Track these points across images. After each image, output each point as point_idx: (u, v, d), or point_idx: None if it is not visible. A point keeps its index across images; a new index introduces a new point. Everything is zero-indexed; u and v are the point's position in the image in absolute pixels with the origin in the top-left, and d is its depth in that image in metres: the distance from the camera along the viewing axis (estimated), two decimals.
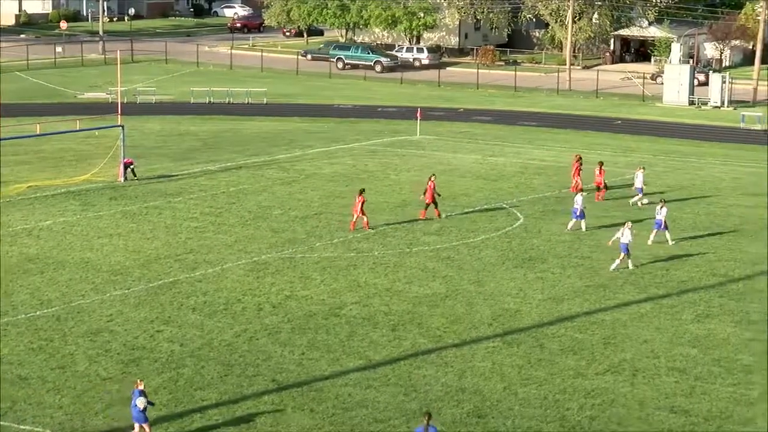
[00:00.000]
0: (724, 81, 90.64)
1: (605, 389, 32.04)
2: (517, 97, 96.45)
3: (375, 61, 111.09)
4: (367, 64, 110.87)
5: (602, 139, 75.82)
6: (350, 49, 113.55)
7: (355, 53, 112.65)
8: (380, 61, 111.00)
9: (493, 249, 46.34)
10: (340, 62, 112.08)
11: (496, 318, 37.89)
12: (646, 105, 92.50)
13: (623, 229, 43.59)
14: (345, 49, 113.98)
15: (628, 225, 43.77)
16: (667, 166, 65.09)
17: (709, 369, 33.59)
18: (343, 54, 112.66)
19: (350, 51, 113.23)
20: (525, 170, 62.98)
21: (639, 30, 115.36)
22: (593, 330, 36.86)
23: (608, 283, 41.86)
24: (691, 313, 38.66)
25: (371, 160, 65.29)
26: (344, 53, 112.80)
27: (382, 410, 30.39)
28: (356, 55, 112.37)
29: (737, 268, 43.95)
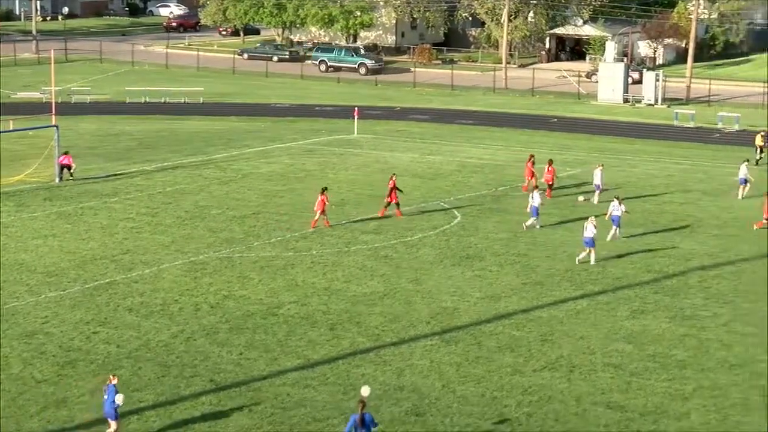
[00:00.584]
0: (657, 79, 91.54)
1: (542, 386, 32.26)
2: (454, 96, 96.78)
3: (359, 63, 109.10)
4: (351, 66, 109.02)
5: (538, 137, 76.30)
6: (333, 52, 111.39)
7: (338, 56, 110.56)
8: (364, 63, 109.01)
9: (431, 247, 46.48)
10: (323, 65, 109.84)
11: (434, 316, 38.01)
12: (582, 103, 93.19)
13: (587, 224, 44.12)
14: (328, 51, 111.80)
15: (592, 220, 44.31)
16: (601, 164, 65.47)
17: (644, 364, 33.93)
18: (326, 56, 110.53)
19: (333, 53, 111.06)
20: (462, 168, 63.23)
21: (574, 29, 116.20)
22: (530, 327, 37.10)
23: (545, 281, 42.15)
24: (626, 309, 39.02)
25: (309, 160, 65.23)
26: (327, 56, 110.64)
27: (320, 409, 30.39)
28: (340, 57, 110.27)
29: (671, 265, 44.42)
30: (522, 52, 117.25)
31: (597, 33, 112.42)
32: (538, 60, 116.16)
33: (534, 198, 49.26)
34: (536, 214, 49.22)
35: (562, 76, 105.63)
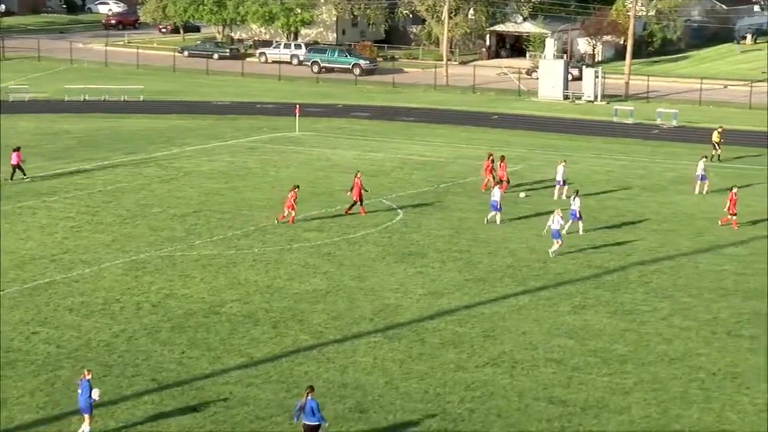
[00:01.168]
0: (596, 76, 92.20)
1: (485, 381, 32.40)
2: (396, 93, 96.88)
3: (353, 64, 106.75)
4: (345, 67, 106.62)
5: (479, 133, 76.57)
6: (326, 53, 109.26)
7: (331, 56, 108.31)
8: (359, 64, 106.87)
9: (374, 244, 46.52)
10: (315, 66, 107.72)
11: (377, 313, 38.06)
12: (522, 100, 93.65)
13: (553, 216, 44.59)
14: (321, 52, 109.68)
15: (558, 212, 44.85)
16: (543, 160, 65.93)
17: (585, 359, 34.18)
18: (319, 57, 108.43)
19: (326, 54, 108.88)
20: (404, 165, 63.33)
21: (514, 26, 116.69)
22: (473, 323, 37.25)
23: (487, 277, 42.34)
24: (567, 304, 39.29)
25: (250, 157, 65.02)
26: (320, 56, 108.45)
27: (263, 407, 30.33)
28: (333, 58, 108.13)
29: (612, 260, 44.77)
30: (463, 49, 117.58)
31: (537, 30, 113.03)
32: (479, 57, 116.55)
33: (494, 193, 49.73)
34: (496, 208, 49.58)
35: (502, 73, 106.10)
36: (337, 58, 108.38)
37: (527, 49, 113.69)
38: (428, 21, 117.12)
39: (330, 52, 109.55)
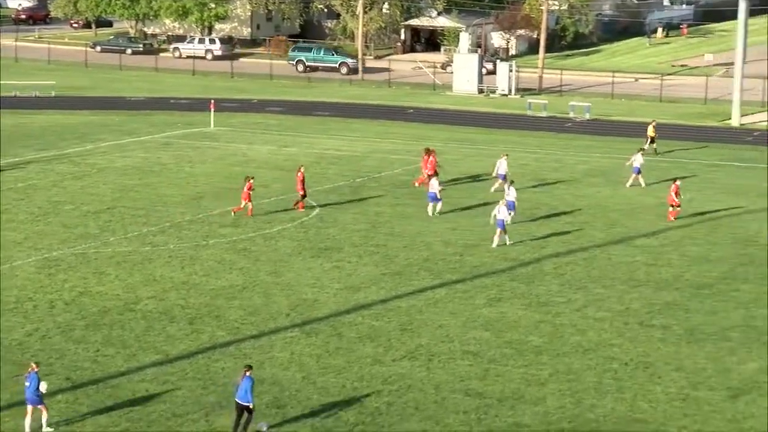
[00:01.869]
0: (510, 70, 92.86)
1: (402, 375, 32.52)
2: (311, 88, 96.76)
3: (340, 62, 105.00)
4: (331, 66, 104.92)
5: (395, 128, 76.76)
6: (312, 51, 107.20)
7: (317, 55, 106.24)
8: (346, 63, 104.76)
9: (290, 239, 46.45)
10: (300, 65, 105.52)
11: (293, 308, 38.02)
12: (437, 94, 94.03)
13: (498, 206, 45.15)
14: (306, 50, 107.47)
15: (503, 202, 45.47)
16: (459, 154, 66.31)
17: (501, 351, 34.45)
18: (303, 56, 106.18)
19: (312, 53, 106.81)
20: (320, 160, 63.29)
21: (428, 20, 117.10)
22: (390, 317, 37.36)
23: (403, 271, 42.48)
24: (483, 297, 39.56)
25: (165, 153, 64.56)
26: (305, 55, 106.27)
27: (180, 405, 30.16)
28: (319, 57, 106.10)
29: (527, 252, 45.16)
30: (378, 43, 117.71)
31: (451, 24, 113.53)
32: (394, 51, 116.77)
33: (432, 185, 50.16)
34: (434, 199, 50.01)
35: (417, 67, 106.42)
36: (323, 57, 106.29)
37: (442, 44, 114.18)
38: (343, 15, 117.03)
39: (316, 51, 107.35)
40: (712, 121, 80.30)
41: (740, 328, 36.50)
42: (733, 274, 42.43)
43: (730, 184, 58.32)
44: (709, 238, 47.52)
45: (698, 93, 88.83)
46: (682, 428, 29.27)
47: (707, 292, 40.22)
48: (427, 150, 56.62)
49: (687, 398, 31.08)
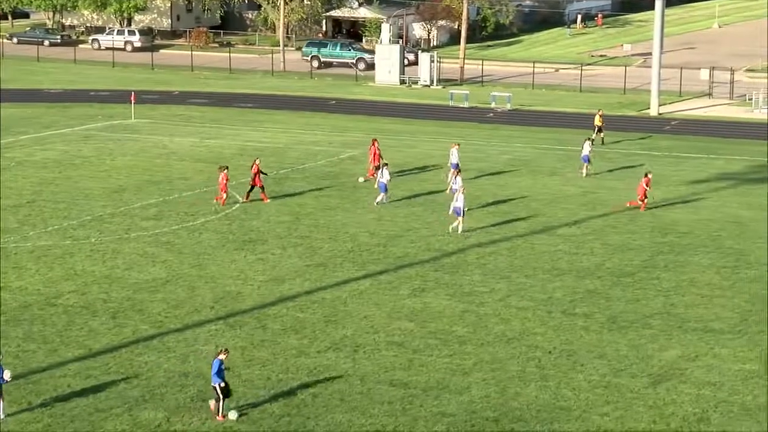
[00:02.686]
0: (432, 60, 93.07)
1: (327, 366, 32.53)
2: (233, 79, 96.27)
3: (357, 58, 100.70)
4: (346, 61, 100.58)
5: (318, 119, 76.65)
6: (327, 46, 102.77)
7: (333, 50, 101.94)
8: (363, 58, 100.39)
9: (213, 232, 46.22)
10: (315, 60, 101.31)
11: (218, 301, 37.85)
12: (360, 85, 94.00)
13: (457, 195, 45.71)
14: (321, 45, 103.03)
15: (462, 189, 46.10)
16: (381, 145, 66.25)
17: (426, 341, 34.58)
18: (319, 51, 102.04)
19: (328, 48, 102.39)
20: (243, 152, 63.00)
21: (350, 11, 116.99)
22: (314, 309, 37.34)
23: (327, 262, 42.46)
24: (408, 288, 39.67)
25: (85, 146, 63.88)
26: (321, 50, 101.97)
27: (103, 399, 29.90)
28: (334, 52, 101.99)
29: (451, 243, 45.35)
30: (299, 34, 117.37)
31: (372, 15, 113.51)
32: None
33: (383, 174, 50.32)
34: (384, 189, 50.25)
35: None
36: (340, 52, 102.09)
37: (363, 35, 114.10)
38: (264, 6, 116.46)
39: (332, 46, 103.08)
40: (630, 111, 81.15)
41: (661, 316, 36.99)
42: (653, 262, 42.98)
43: None
44: (630, 226, 48.07)
45: (617, 83, 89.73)
46: (605, 415, 29.61)
47: (628, 281, 40.70)
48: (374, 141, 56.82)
49: (609, 385, 31.44)
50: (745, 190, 54.86)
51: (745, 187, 55.31)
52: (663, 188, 55.22)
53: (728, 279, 40.88)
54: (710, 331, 35.61)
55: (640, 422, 29.21)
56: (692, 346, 34.35)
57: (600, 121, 66.65)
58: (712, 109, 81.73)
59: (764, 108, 79.58)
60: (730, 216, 49.80)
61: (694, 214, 50.25)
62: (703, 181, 57.12)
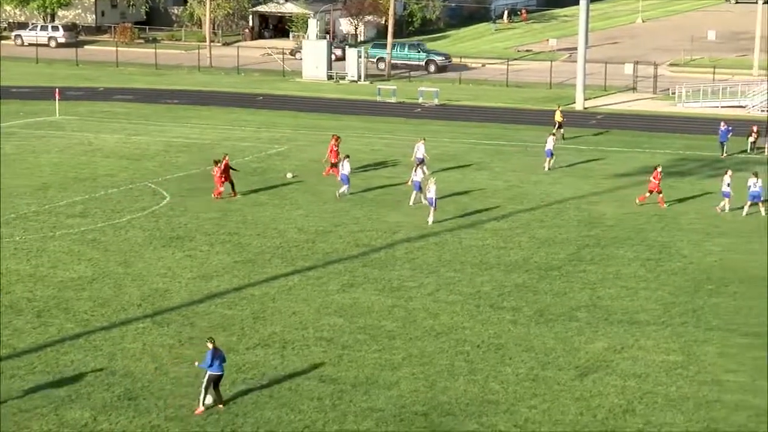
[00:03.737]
0: (359, 56, 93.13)
1: (256, 363, 32.45)
2: (159, 75, 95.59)
3: (427, 60, 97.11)
4: (417, 63, 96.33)
5: (245, 115, 76.36)
6: (395, 48, 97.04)
7: (401, 52, 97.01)
8: (434, 60, 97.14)
9: (140, 229, 45.89)
10: (381, 63, 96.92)
11: (145, 299, 37.59)
12: (287, 80, 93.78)
13: (430, 185, 47.03)
14: (385, 47, 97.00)
15: (433, 181, 47.56)
16: (309, 140, 66.32)
17: (355, 337, 34.62)
18: (384, 53, 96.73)
19: (395, 50, 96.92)
20: (169, 148, 62.62)
21: (276, 6, 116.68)
22: (243, 305, 37.22)
23: (256, 258, 42.35)
24: (336, 283, 39.67)
25: (8, 143, 63.08)
26: (385, 52, 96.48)
27: (28, 399, 29.57)
28: (402, 54, 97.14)
29: (379, 238, 45.43)
30: (226, 30, 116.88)
31: (299, 11, 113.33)
32: (242, 38, 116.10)
33: (344, 166, 50.95)
34: (347, 181, 51.04)
35: (266, 53, 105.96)
36: (408, 54, 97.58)
37: (290, 30, 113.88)
38: (190, 2, 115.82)
39: (399, 47, 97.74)
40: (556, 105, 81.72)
41: (587, 308, 37.34)
42: (580, 255, 43.37)
43: (575, 167, 59.52)
44: (556, 220, 48.46)
45: (543, 77, 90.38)
46: (532, 408, 29.84)
47: (555, 274, 41.04)
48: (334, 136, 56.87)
49: (537, 378, 31.69)
50: (668, 183, 55.49)
51: (668, 181, 55.95)
52: (589, 181, 55.73)
53: (652, 271, 41.38)
54: (635, 323, 36.03)
55: (567, 414, 29.49)
56: (618, 338, 34.73)
57: (560, 117, 66.95)
58: (637, 103, 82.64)
59: (687, 102, 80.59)
60: (654, 209, 50.39)
61: (620, 207, 50.78)
62: (628, 174, 57.74)
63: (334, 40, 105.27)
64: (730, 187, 49.31)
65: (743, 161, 60.67)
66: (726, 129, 61.23)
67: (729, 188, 49.32)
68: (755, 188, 48.85)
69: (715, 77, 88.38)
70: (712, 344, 34.18)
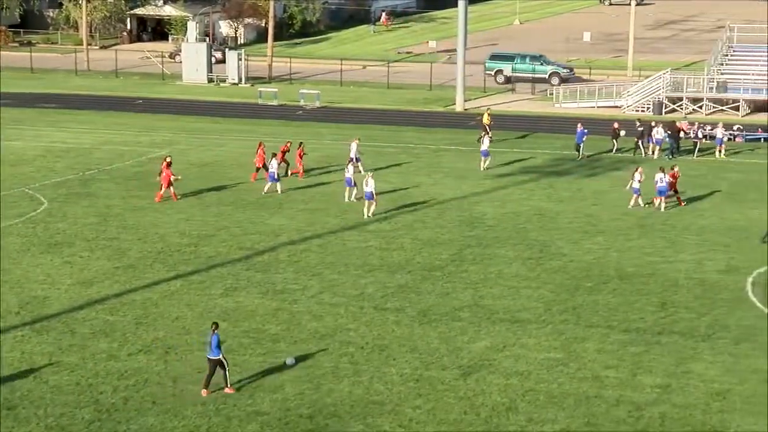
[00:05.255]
0: (240, 58, 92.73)
1: (138, 369, 32.12)
2: (35, 79, 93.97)
3: (551, 72, 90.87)
4: (541, 77, 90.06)
5: (125, 119, 75.48)
6: (515, 60, 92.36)
7: (521, 64, 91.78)
8: (557, 73, 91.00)
9: (17, 236, 45.09)
10: (500, 75, 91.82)
11: (23, 306, 36.96)
12: (167, 84, 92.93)
13: (367, 179, 48.51)
14: (507, 59, 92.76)
15: (370, 174, 49.29)
16: (189, 144, 65.84)
17: (239, 341, 34.47)
18: (504, 65, 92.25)
19: (515, 62, 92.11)
20: (47, 153, 61.62)
21: (155, 9, 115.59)
22: (125, 311, 36.81)
23: (137, 263, 41.91)
24: (220, 287, 39.46)
25: None
26: (506, 64, 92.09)
27: None
28: (523, 66, 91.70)
29: (262, 241, 45.29)
30: (103, 33, 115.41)
31: (178, 13, 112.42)
32: (120, 41, 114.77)
33: (273, 165, 52.48)
34: (273, 179, 52.11)
35: (145, 57, 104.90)
36: (530, 66, 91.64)
37: (169, 33, 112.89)
38: (66, 4, 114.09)
39: (519, 59, 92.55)
40: (437, 107, 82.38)
41: (470, 308, 37.70)
42: (462, 255, 43.76)
43: (456, 168, 60.03)
44: (439, 221, 48.82)
45: (423, 79, 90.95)
46: (417, 408, 30.03)
47: (438, 274, 41.35)
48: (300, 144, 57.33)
49: (421, 378, 31.90)
50: (547, 182, 56.32)
51: (547, 180, 56.79)
52: (470, 182, 56.25)
53: (533, 270, 41.94)
54: (517, 321, 36.48)
55: (451, 413, 29.74)
56: (500, 336, 35.13)
57: (488, 120, 67.12)
58: (516, 104, 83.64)
59: (565, 102, 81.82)
60: (534, 208, 51.08)
61: (501, 207, 51.35)
62: (508, 174, 58.41)
63: (214, 43, 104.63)
64: (640, 184, 50.48)
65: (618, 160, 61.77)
66: (582, 131, 61.90)
67: (639, 184, 50.51)
68: (662, 183, 50.08)
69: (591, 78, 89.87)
70: (591, 341, 34.78)
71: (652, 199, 50.59)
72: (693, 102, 78.20)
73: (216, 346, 30.49)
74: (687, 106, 77.79)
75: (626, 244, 45.41)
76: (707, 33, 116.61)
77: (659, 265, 42.48)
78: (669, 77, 79.67)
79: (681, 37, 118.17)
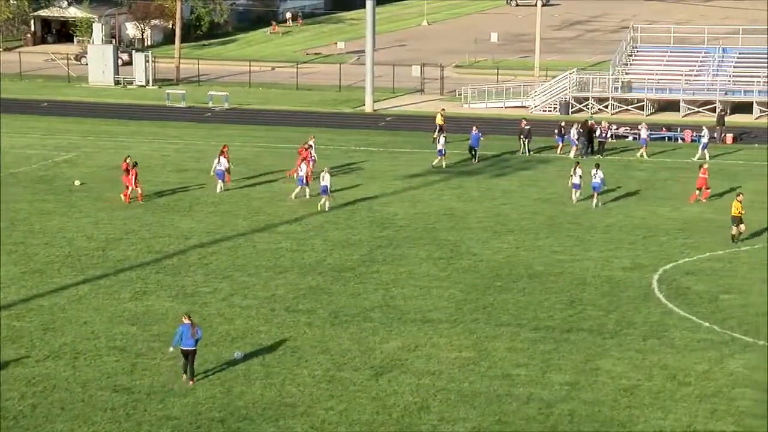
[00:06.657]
0: (147, 60, 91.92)
1: (46, 375, 31.74)
2: None
3: None
4: None
5: (31, 122, 74.40)
6: None
7: None
8: None
9: None
10: None
11: None
12: (72, 86, 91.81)
13: (324, 174, 50.03)
14: None
15: (327, 170, 50.80)
16: (97, 147, 65.15)
17: (149, 345, 34.21)
18: None
19: None
20: None
21: (59, 10, 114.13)
22: (32, 317, 36.34)
23: (45, 268, 41.39)
24: (129, 291, 39.12)
25: None
26: None
27: None
28: None
29: (172, 244, 44.98)
30: (6, 35, 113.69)
31: (83, 15, 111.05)
32: (24, 43, 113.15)
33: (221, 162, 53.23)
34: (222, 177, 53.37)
35: (50, 59, 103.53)
36: None
37: (75, 35, 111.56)
38: None
39: None
40: (346, 108, 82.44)
41: (381, 309, 37.80)
42: (373, 256, 43.85)
43: (367, 169, 60.13)
44: (349, 222, 48.87)
45: (332, 80, 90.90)
46: (329, 409, 30.04)
47: (349, 275, 41.39)
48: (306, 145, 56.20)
49: (333, 379, 31.92)
50: (456, 182, 56.67)
51: (456, 180, 57.14)
52: (380, 182, 56.38)
53: (444, 270, 42.16)
54: (428, 321, 36.65)
55: (363, 414, 29.81)
56: (411, 336, 35.27)
57: (441, 120, 66.98)
58: (425, 104, 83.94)
59: (473, 103, 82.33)
60: (443, 208, 51.35)
61: (411, 207, 51.54)
62: (418, 175, 58.64)
63: (120, 45, 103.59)
64: (581, 179, 51.39)
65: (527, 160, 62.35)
66: (477, 134, 62.22)
67: (580, 180, 51.57)
68: (596, 179, 50.77)
69: (499, 78, 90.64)
70: (502, 340, 35.07)
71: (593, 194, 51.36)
72: (599, 102, 79.13)
73: (189, 336, 31.17)
74: (593, 105, 78.71)
75: (535, 243, 45.85)
76: (612, 33, 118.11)
77: (568, 263, 42.96)
78: (575, 77, 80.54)
79: (586, 38, 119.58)
